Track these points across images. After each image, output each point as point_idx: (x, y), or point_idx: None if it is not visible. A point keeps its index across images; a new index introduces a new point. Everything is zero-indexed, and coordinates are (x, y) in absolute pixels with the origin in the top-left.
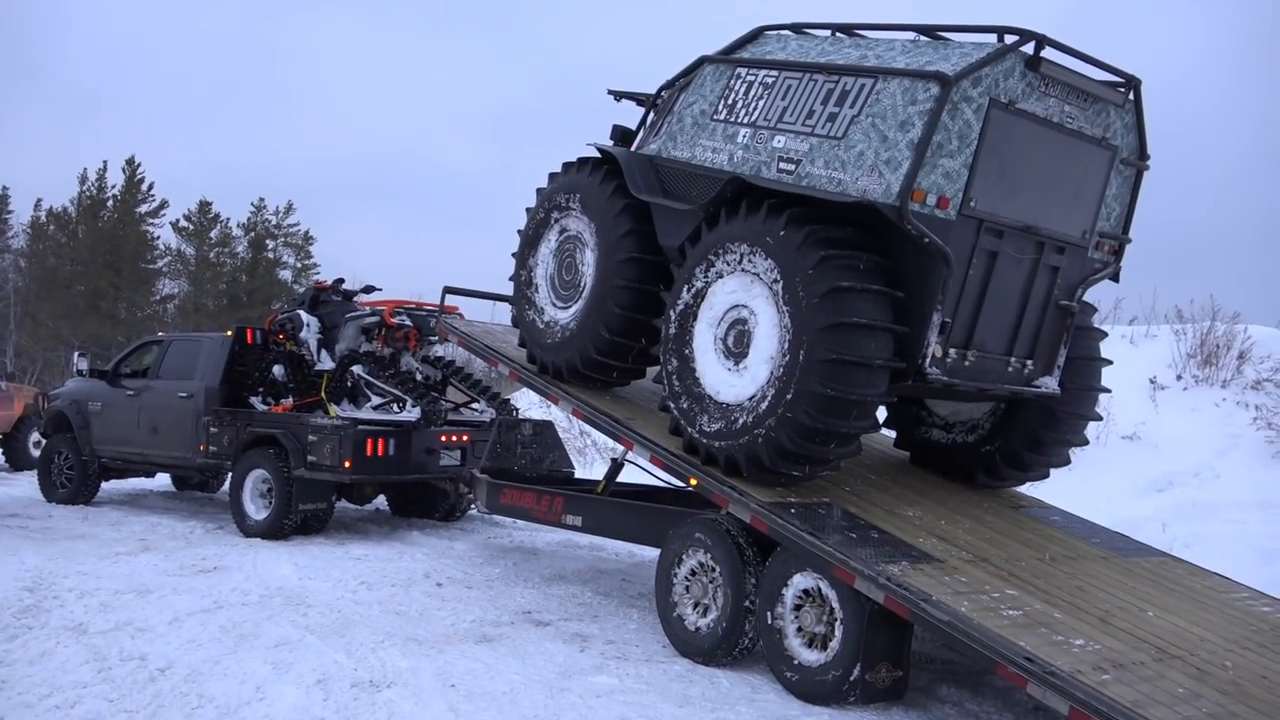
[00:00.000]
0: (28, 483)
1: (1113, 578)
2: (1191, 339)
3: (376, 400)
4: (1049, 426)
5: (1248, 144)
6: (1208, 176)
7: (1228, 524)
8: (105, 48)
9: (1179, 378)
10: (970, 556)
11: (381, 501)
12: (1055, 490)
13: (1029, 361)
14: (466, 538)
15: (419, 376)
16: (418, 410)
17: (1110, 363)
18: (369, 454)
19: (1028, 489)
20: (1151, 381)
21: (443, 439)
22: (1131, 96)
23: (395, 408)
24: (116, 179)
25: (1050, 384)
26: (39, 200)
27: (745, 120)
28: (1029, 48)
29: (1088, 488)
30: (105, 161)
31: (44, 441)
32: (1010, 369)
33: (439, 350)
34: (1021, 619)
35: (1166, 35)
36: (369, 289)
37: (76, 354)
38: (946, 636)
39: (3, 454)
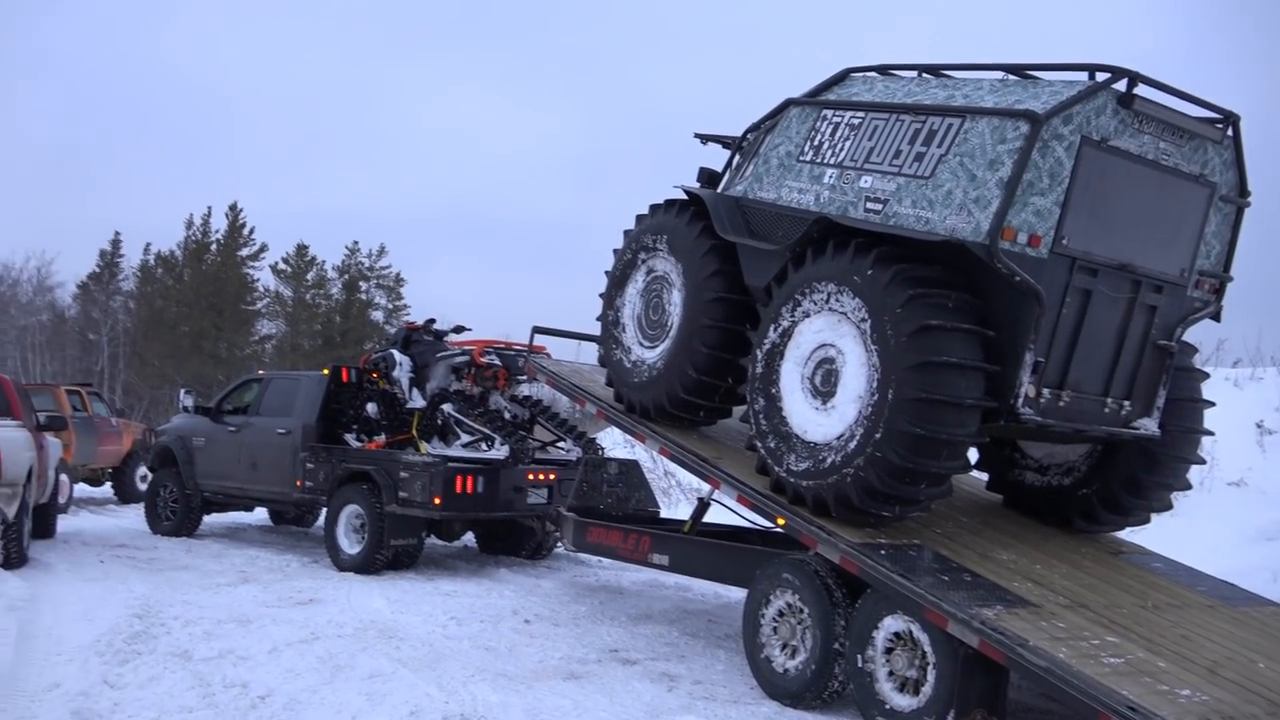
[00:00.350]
0: (135, 515)
1: (1220, 627)
2: None
3: (466, 438)
4: (1149, 469)
5: None
6: None
7: None
8: (210, 98)
9: None
10: (1068, 602)
11: (469, 538)
12: (1156, 537)
13: (1126, 402)
14: (553, 575)
15: (507, 415)
16: (506, 448)
17: (1213, 404)
18: (458, 491)
19: (1127, 534)
20: (1258, 426)
21: (530, 477)
22: (1230, 132)
23: (484, 446)
24: (220, 224)
25: (1150, 425)
26: (148, 245)
27: (832, 161)
28: (1122, 84)
29: (1191, 535)
30: (209, 207)
31: (151, 475)
32: (1107, 410)
33: (524, 389)
34: (1123, 667)
35: (1270, 66)
36: (459, 329)
37: (182, 391)
38: (1044, 683)
39: (112, 487)
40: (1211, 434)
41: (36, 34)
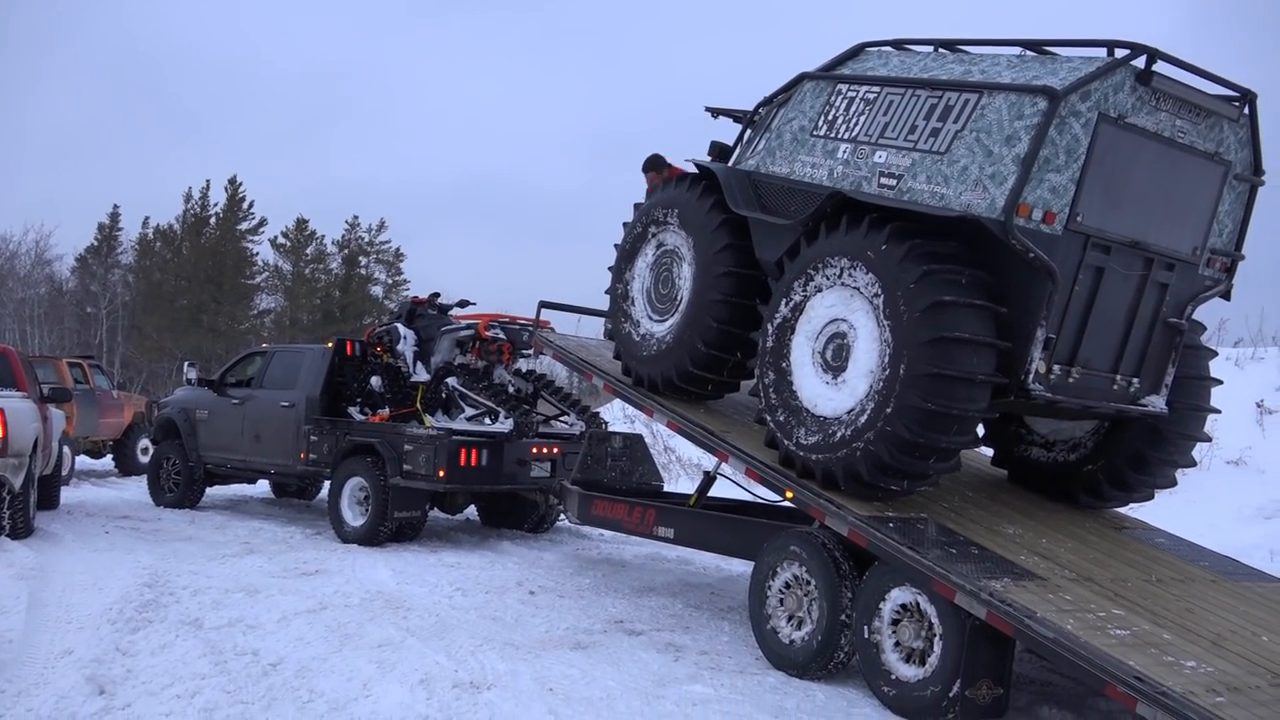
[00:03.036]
0: (137, 487)
1: (1223, 601)
2: None
3: (470, 411)
4: (1155, 446)
5: None
6: None
7: None
8: (213, 71)
9: None
10: (1074, 575)
11: (472, 511)
12: (1157, 514)
13: (1135, 379)
14: (555, 548)
15: (511, 389)
16: (510, 422)
17: (1220, 382)
18: (462, 464)
19: (1130, 510)
20: (1258, 405)
21: (534, 451)
22: (1247, 111)
23: (488, 419)
24: (219, 197)
25: (1157, 403)
26: (147, 218)
27: (846, 136)
28: (1140, 61)
29: (1190, 513)
30: (208, 180)
31: (153, 448)
32: (1116, 387)
33: (525, 364)
34: (1129, 639)
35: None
36: (464, 303)
37: (185, 364)
38: (1052, 654)
39: (113, 459)
40: (1219, 411)
41: (37, 5)
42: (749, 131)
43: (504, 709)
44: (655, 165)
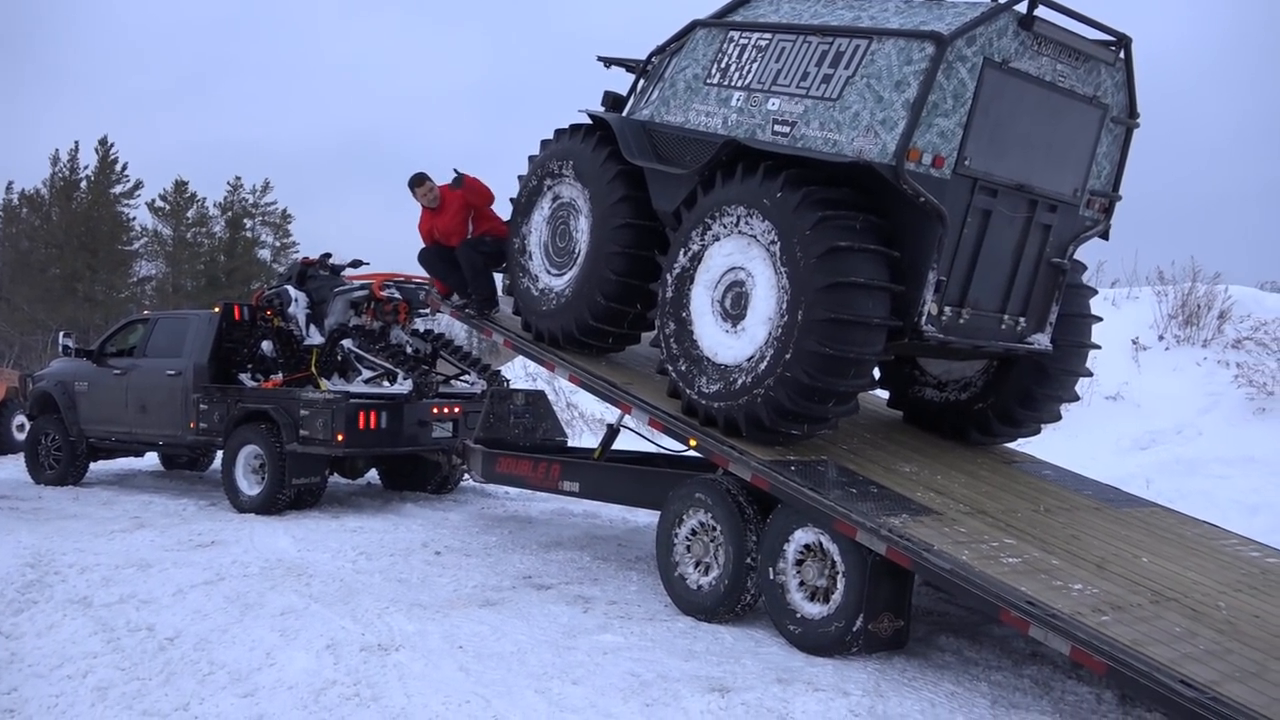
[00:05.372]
0: (13, 465)
1: (1106, 527)
2: (1173, 300)
3: (367, 374)
4: (1041, 383)
5: (1236, 109)
6: (1192, 140)
7: (1210, 479)
8: (79, 24)
9: (1161, 338)
10: (968, 509)
11: (373, 475)
12: (1042, 449)
13: (1022, 319)
14: (460, 509)
15: (409, 349)
16: (409, 383)
17: (1100, 319)
18: (361, 427)
19: (1019, 445)
20: (1134, 342)
21: (435, 411)
22: (1122, 55)
23: (386, 381)
24: (89, 159)
25: (1042, 340)
26: (10, 183)
27: (739, 83)
28: (1022, 6)
29: (1073, 447)
30: (76, 142)
31: (29, 423)
32: (1004, 326)
33: (422, 323)
34: (1021, 566)
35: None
36: (356, 263)
37: (61, 334)
38: (949, 584)
39: None
40: (1099, 347)
41: None
42: (642, 81)
43: (413, 669)
44: (419, 182)
